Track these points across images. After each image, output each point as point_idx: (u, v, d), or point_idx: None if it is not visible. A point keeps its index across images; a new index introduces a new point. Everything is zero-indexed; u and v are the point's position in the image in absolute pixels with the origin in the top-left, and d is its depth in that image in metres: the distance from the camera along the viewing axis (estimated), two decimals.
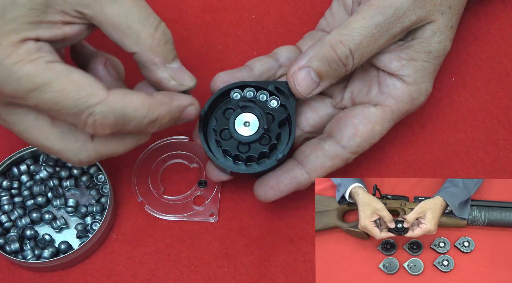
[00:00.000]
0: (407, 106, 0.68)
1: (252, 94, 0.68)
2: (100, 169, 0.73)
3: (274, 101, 0.68)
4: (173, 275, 0.72)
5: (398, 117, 0.69)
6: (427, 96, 0.69)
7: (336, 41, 0.65)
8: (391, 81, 0.68)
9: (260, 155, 0.67)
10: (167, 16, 0.81)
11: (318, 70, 0.65)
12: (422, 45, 0.67)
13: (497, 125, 0.76)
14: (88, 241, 0.70)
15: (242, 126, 0.67)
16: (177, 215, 0.74)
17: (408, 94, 0.68)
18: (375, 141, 0.69)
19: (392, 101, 0.68)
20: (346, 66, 0.66)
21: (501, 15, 0.80)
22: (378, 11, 0.65)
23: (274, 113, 0.68)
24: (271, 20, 0.81)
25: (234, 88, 0.68)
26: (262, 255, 0.72)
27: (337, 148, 0.68)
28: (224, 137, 0.67)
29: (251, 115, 0.67)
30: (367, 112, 0.68)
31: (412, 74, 0.67)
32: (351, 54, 0.65)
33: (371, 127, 0.67)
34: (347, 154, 0.68)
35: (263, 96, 0.68)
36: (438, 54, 0.68)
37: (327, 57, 0.65)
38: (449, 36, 0.68)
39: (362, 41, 0.65)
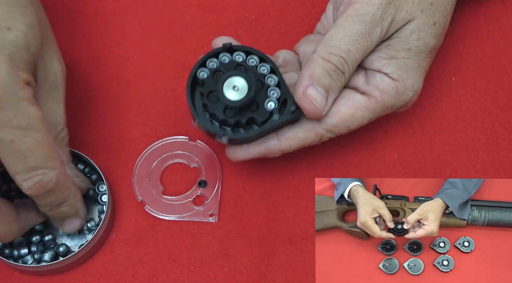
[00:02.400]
0: (392, 100, 0.68)
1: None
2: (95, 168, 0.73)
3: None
4: (173, 275, 0.72)
5: (382, 109, 0.69)
6: (416, 93, 0.69)
7: (327, 54, 0.66)
8: (378, 75, 0.68)
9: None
10: (167, 16, 0.81)
11: (322, 83, 0.66)
12: (401, 43, 0.68)
13: (497, 125, 0.76)
14: (88, 243, 0.70)
15: (231, 90, 0.65)
16: (177, 215, 0.73)
17: (394, 88, 0.68)
18: (353, 127, 0.69)
19: (378, 93, 0.68)
20: (344, 73, 0.67)
21: (501, 15, 0.80)
22: (357, 20, 0.66)
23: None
24: (271, 20, 0.81)
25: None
26: (262, 255, 0.72)
27: (314, 122, 0.68)
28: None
29: (240, 80, 0.66)
30: (352, 97, 0.68)
31: (395, 70, 0.68)
32: (345, 61, 0.66)
33: (353, 111, 0.68)
34: (322, 130, 0.68)
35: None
36: (419, 50, 0.68)
37: (325, 70, 0.66)
38: (431, 32, 0.68)
39: (350, 49, 0.66)
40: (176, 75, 0.78)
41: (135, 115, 0.77)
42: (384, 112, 0.69)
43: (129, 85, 0.78)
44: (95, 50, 0.80)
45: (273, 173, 0.75)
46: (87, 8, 0.82)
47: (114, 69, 0.79)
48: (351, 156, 0.75)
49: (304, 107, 0.66)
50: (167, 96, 0.78)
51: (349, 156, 0.75)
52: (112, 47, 0.80)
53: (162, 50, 0.79)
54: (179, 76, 0.78)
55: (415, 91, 0.69)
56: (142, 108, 0.77)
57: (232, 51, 0.67)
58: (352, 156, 0.75)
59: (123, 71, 0.79)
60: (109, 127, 0.76)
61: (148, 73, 0.79)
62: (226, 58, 0.67)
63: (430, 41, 0.68)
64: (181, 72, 0.79)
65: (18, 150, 0.60)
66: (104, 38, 0.81)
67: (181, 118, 0.77)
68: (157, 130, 0.76)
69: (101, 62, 0.79)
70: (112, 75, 0.79)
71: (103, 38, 0.81)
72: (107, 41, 0.80)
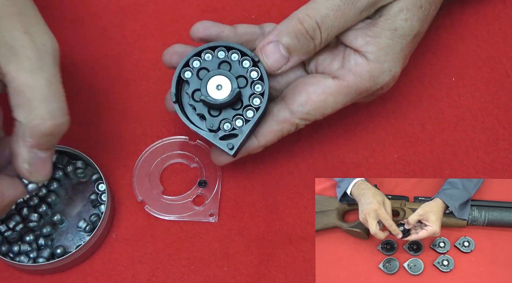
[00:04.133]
0: (366, 83, 0.68)
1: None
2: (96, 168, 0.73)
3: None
4: (173, 275, 0.72)
5: (356, 93, 0.68)
6: (393, 77, 0.69)
7: (303, 15, 0.66)
8: (353, 57, 0.68)
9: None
10: (167, 16, 0.81)
11: (286, 44, 0.66)
12: (388, 22, 0.67)
13: (497, 125, 0.76)
14: (87, 243, 0.70)
15: (214, 89, 0.66)
16: (177, 215, 0.73)
17: (368, 72, 0.67)
18: (327, 112, 0.68)
19: (351, 77, 0.67)
20: (314, 40, 0.67)
21: (501, 15, 0.80)
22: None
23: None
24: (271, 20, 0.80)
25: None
26: (262, 255, 0.72)
27: (286, 113, 0.68)
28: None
29: (223, 78, 0.66)
30: (323, 83, 0.68)
31: (374, 51, 0.67)
32: (318, 27, 0.66)
33: (324, 97, 0.67)
34: (296, 119, 0.68)
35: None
36: (404, 32, 0.68)
37: (294, 31, 0.66)
38: (418, 15, 0.68)
39: (329, 14, 0.66)
40: None
41: (135, 115, 0.77)
42: (359, 96, 0.69)
43: (129, 85, 0.78)
44: (95, 50, 0.80)
45: (273, 173, 0.75)
46: (87, 8, 0.82)
47: (114, 69, 0.79)
48: (351, 156, 0.75)
49: (260, 59, 0.67)
50: None
51: (349, 156, 0.75)
52: (112, 47, 0.80)
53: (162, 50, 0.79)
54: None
55: (392, 76, 0.69)
56: (142, 108, 0.77)
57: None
58: (352, 156, 0.75)
59: (123, 71, 0.79)
60: (109, 127, 0.76)
61: (148, 73, 0.79)
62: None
63: (416, 24, 0.68)
64: None
65: None
66: (104, 38, 0.81)
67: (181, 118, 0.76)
68: (157, 130, 0.76)
69: (101, 62, 0.79)
70: (112, 75, 0.79)
71: (103, 38, 0.81)
72: (107, 41, 0.80)
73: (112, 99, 0.78)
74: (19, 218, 0.72)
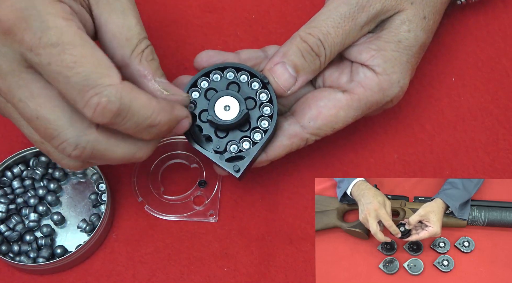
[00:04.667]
0: (376, 96, 0.67)
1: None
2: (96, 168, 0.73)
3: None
4: (173, 275, 0.72)
5: (367, 106, 0.68)
6: (401, 89, 0.68)
7: (305, 34, 0.66)
8: (362, 70, 0.68)
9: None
10: (167, 16, 0.81)
11: (293, 63, 0.66)
12: (391, 34, 0.67)
13: (497, 125, 0.76)
14: (87, 242, 0.70)
15: (222, 110, 0.65)
16: (177, 215, 0.73)
17: (378, 84, 0.67)
18: (338, 127, 0.68)
19: (361, 90, 0.67)
20: (319, 57, 0.66)
21: (501, 15, 0.80)
22: (342, 2, 0.66)
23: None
24: (271, 20, 0.81)
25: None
26: (262, 255, 0.72)
27: (296, 127, 0.68)
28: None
29: (231, 99, 0.66)
30: (333, 97, 0.67)
31: (381, 64, 0.67)
32: (321, 43, 0.66)
33: (335, 112, 0.67)
34: (306, 134, 0.68)
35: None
36: (409, 43, 0.67)
37: (300, 49, 0.66)
38: (421, 26, 0.68)
39: (330, 31, 0.66)
40: (176, 75, 0.78)
41: None
42: (369, 110, 0.68)
43: None
44: None
45: (273, 173, 0.75)
46: None
47: None
48: (351, 156, 0.75)
49: (270, 81, 0.66)
50: None
51: (349, 155, 0.75)
52: None
53: (162, 50, 0.79)
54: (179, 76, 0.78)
55: (401, 87, 0.68)
56: None
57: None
58: (352, 155, 0.75)
59: None
60: None
61: None
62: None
63: (420, 35, 0.68)
64: (181, 72, 0.79)
65: (60, 71, 0.55)
66: None
67: None
68: None
69: None
70: None
71: None
72: None
73: None
74: (19, 218, 0.72)
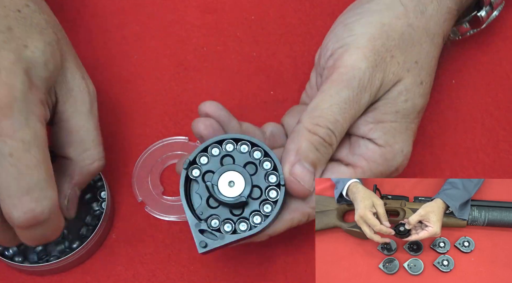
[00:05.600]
0: (381, 168, 0.66)
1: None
2: None
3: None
4: (173, 276, 0.72)
5: (370, 178, 0.66)
6: (405, 157, 0.67)
7: (313, 125, 0.63)
8: (363, 142, 0.66)
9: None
10: (167, 17, 0.82)
11: (310, 159, 0.63)
12: (388, 106, 0.65)
13: (497, 127, 0.76)
14: (87, 243, 0.70)
15: (227, 187, 0.63)
16: (177, 215, 0.73)
17: (381, 155, 0.65)
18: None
19: (364, 163, 0.65)
20: (331, 145, 0.64)
21: (502, 16, 0.80)
22: (343, 86, 0.63)
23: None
24: (271, 21, 0.81)
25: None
26: (262, 255, 0.72)
27: (298, 202, 0.65)
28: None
29: (234, 173, 0.63)
30: (337, 170, 0.65)
31: (382, 136, 0.65)
32: (332, 133, 0.63)
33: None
34: (309, 209, 0.65)
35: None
36: (407, 112, 0.65)
37: (312, 143, 0.63)
38: (418, 92, 0.66)
39: (338, 119, 0.63)
40: (176, 75, 0.79)
41: (135, 115, 0.77)
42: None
43: (129, 85, 0.79)
44: (95, 50, 0.80)
45: None
46: (87, 8, 0.82)
47: (114, 69, 0.79)
48: None
49: (292, 188, 0.63)
50: (167, 96, 0.78)
51: None
52: (112, 47, 0.80)
53: (162, 50, 0.79)
54: (179, 76, 0.79)
55: (405, 156, 0.66)
56: (142, 108, 0.77)
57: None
58: None
59: (123, 71, 0.79)
60: (109, 127, 0.76)
61: (148, 73, 0.79)
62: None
63: (418, 101, 0.66)
64: (181, 72, 0.79)
65: (16, 165, 0.55)
66: (104, 38, 0.81)
67: (181, 119, 0.77)
68: (157, 131, 0.76)
69: (101, 62, 0.79)
70: (112, 75, 0.79)
71: (103, 38, 0.81)
72: (107, 41, 0.81)
73: (112, 100, 0.78)
74: None
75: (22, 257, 0.71)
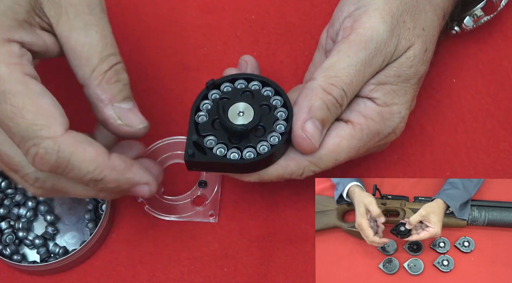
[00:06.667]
0: (378, 126, 0.66)
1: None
2: None
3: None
4: (173, 275, 0.72)
5: (368, 137, 0.65)
6: (403, 119, 0.67)
7: (328, 85, 0.63)
8: (362, 100, 0.66)
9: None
10: (167, 17, 0.81)
11: (321, 118, 0.63)
12: (393, 70, 0.65)
13: (497, 127, 0.76)
14: (87, 243, 0.70)
15: (235, 115, 0.64)
16: (177, 215, 0.73)
17: (379, 114, 0.65)
18: (340, 159, 0.65)
19: (362, 119, 0.65)
20: (342, 106, 0.64)
21: (502, 16, 0.80)
22: (361, 47, 0.63)
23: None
24: (271, 21, 0.81)
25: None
26: (262, 256, 0.72)
27: (296, 153, 0.65)
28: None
29: (245, 105, 0.64)
30: (336, 125, 0.65)
31: (381, 96, 0.65)
32: (345, 94, 0.63)
33: (338, 141, 0.64)
34: (305, 161, 0.65)
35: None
36: (409, 77, 0.66)
37: (325, 103, 0.63)
38: (423, 59, 0.66)
39: (352, 80, 0.63)
40: (176, 75, 0.79)
41: None
42: (372, 141, 0.66)
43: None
44: None
45: None
46: None
47: None
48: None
49: (301, 143, 0.63)
50: (167, 96, 0.78)
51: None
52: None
53: (162, 50, 0.79)
54: (179, 76, 0.79)
55: (402, 118, 0.67)
56: (142, 108, 0.77)
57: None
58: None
59: None
60: None
61: (148, 73, 0.79)
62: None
63: (421, 68, 0.67)
64: (181, 72, 0.79)
65: (1, 120, 0.54)
66: None
67: (181, 119, 0.77)
68: (157, 130, 0.76)
69: None
70: None
71: None
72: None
73: None
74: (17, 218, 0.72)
75: (20, 256, 0.71)
